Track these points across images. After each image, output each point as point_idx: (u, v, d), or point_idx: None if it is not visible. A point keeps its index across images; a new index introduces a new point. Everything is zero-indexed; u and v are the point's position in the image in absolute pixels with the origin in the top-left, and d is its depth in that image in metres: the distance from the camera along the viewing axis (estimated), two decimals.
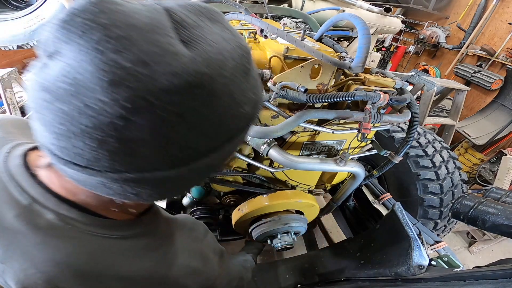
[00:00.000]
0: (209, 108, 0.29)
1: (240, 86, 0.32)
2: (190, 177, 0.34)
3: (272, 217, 1.14)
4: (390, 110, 1.04)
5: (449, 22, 5.27)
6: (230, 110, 0.31)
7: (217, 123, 0.31)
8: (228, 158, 0.39)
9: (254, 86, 0.35)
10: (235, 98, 0.31)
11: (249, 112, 0.35)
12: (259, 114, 0.43)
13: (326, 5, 2.60)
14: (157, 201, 0.39)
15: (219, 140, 0.33)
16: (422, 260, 0.90)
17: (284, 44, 0.88)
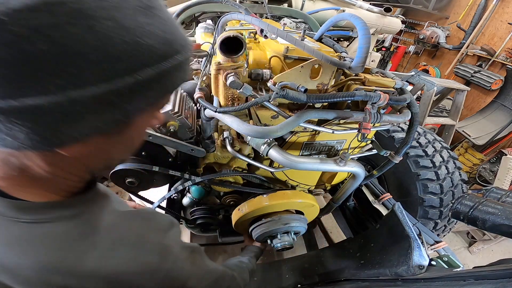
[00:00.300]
0: (78, 28, 0.27)
1: (133, 17, 0.31)
2: (74, 111, 0.30)
3: (272, 217, 1.14)
4: (390, 110, 1.04)
5: (449, 22, 5.27)
6: (117, 36, 0.30)
7: (98, 46, 0.29)
8: (135, 101, 0.35)
9: (162, 23, 0.35)
10: (123, 25, 0.30)
11: (155, 47, 0.34)
12: (185, 60, 0.41)
13: (326, 5, 2.60)
14: (42, 146, 0.32)
15: (109, 68, 0.31)
16: (422, 260, 0.90)
17: (284, 44, 0.88)
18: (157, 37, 0.34)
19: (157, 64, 0.35)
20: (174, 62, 0.38)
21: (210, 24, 1.78)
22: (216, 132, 1.08)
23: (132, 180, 0.96)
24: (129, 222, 0.47)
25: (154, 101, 0.39)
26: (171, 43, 0.37)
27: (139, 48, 0.32)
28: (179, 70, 0.41)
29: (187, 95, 1.09)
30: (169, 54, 0.37)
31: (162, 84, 0.38)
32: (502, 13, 4.36)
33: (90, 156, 0.41)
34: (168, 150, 0.97)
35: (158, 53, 0.35)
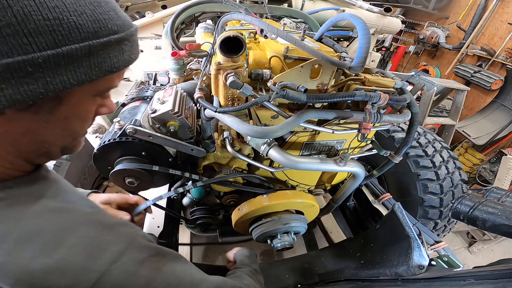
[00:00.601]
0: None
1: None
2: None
3: (272, 217, 1.15)
4: (390, 110, 1.04)
5: (449, 22, 5.27)
6: (36, 14, 0.32)
7: (15, 22, 0.31)
8: (60, 75, 0.36)
9: (93, 4, 0.38)
10: (45, 4, 0.33)
11: (83, 25, 0.36)
12: (123, 40, 0.42)
13: (326, 5, 2.60)
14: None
15: (27, 43, 0.32)
16: (422, 260, 0.90)
17: (284, 44, 0.88)
18: (86, 16, 0.37)
19: (85, 41, 0.37)
20: (108, 40, 0.39)
21: (210, 24, 1.78)
22: (216, 132, 1.08)
23: (132, 180, 0.96)
24: (57, 214, 0.42)
25: (86, 78, 0.39)
26: (104, 22, 0.39)
27: (64, 24, 0.35)
28: (116, 49, 0.42)
29: (187, 95, 1.09)
30: (101, 32, 0.39)
31: (94, 62, 0.39)
32: (502, 13, 4.37)
33: (17, 136, 0.40)
34: (168, 150, 0.97)
35: (87, 30, 0.37)
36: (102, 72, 0.41)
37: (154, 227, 1.35)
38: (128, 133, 0.83)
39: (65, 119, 0.43)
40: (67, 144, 0.49)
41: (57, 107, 0.40)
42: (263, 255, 2.15)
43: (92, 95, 0.46)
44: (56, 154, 0.48)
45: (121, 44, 0.42)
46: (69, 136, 0.48)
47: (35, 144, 0.43)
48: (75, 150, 0.52)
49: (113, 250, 0.42)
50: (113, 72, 0.43)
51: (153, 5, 3.09)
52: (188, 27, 2.23)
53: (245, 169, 1.15)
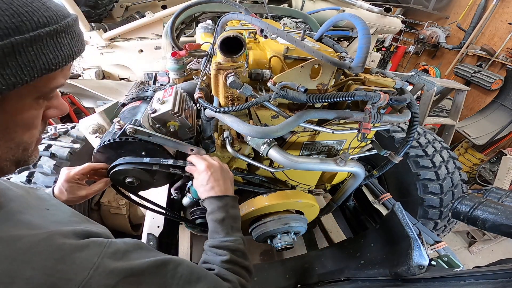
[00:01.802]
0: None
1: None
2: None
3: (272, 217, 1.14)
4: (390, 110, 1.04)
5: (449, 22, 5.27)
6: None
7: None
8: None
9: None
10: None
11: None
12: (55, 33, 0.37)
13: (326, 5, 2.60)
14: None
15: None
16: (422, 260, 0.90)
17: (284, 44, 0.88)
18: (1, 11, 0.32)
19: (6, 38, 0.33)
20: (36, 35, 0.35)
21: (210, 24, 1.78)
22: (216, 132, 1.08)
23: (131, 180, 0.96)
24: (4, 245, 0.37)
25: (18, 80, 0.34)
26: (26, 15, 0.34)
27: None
28: (49, 44, 0.37)
29: (187, 95, 1.09)
30: (25, 27, 0.34)
31: (24, 60, 0.35)
32: (502, 13, 4.37)
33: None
34: (168, 150, 0.97)
35: (4, 26, 0.32)
36: (37, 71, 0.36)
37: (154, 227, 1.35)
38: (128, 133, 0.83)
39: (5, 129, 0.39)
40: (18, 156, 0.43)
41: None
42: (263, 255, 2.16)
43: (33, 99, 0.41)
44: (9, 169, 0.43)
45: (57, 38, 0.38)
46: (17, 147, 0.42)
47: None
48: (31, 161, 0.47)
49: (78, 279, 0.37)
50: (52, 70, 0.38)
51: (153, 5, 3.10)
52: (188, 27, 2.24)
53: (245, 169, 1.15)
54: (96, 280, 0.38)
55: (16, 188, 0.52)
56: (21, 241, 0.38)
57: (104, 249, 0.43)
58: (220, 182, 0.79)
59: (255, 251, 2.16)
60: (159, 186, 1.13)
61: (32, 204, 0.50)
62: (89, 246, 0.42)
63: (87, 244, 0.42)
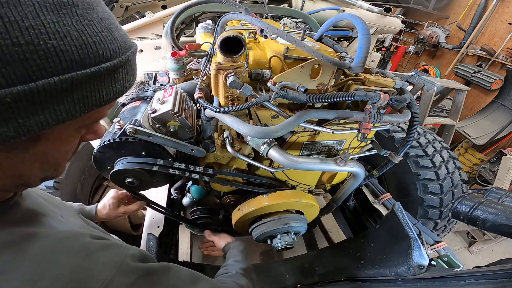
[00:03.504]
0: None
1: (36, 15, 0.27)
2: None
3: (272, 217, 1.14)
4: (390, 110, 1.04)
5: (449, 22, 5.27)
6: (4, 37, 0.26)
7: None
8: (36, 116, 0.30)
9: (82, 23, 0.31)
10: (17, 25, 0.26)
11: (66, 52, 0.29)
12: (117, 68, 0.35)
13: (326, 5, 2.60)
14: None
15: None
16: (422, 260, 0.90)
17: (284, 44, 0.88)
18: (70, 39, 0.30)
19: (68, 72, 0.30)
20: (97, 70, 0.32)
21: (210, 24, 1.78)
22: (216, 132, 1.08)
23: (131, 180, 0.96)
24: (34, 243, 0.37)
25: (67, 116, 0.32)
26: (94, 46, 0.32)
27: (39, 51, 0.27)
28: (109, 79, 0.35)
29: (187, 95, 1.09)
30: (89, 60, 0.32)
31: (79, 97, 0.32)
32: (502, 13, 4.37)
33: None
34: (168, 150, 0.97)
35: (70, 58, 0.30)
36: (87, 108, 0.34)
37: (154, 227, 1.35)
38: (128, 133, 0.83)
39: (44, 154, 0.38)
40: (48, 174, 0.44)
41: (34, 144, 0.35)
42: (263, 255, 2.16)
43: (75, 129, 0.40)
44: (35, 183, 0.43)
45: (114, 73, 0.35)
46: (50, 168, 0.42)
47: (11, 178, 0.38)
48: (57, 177, 0.47)
49: (102, 277, 0.38)
50: (102, 106, 0.36)
51: (153, 5, 3.09)
52: (188, 27, 2.23)
53: (245, 169, 1.15)
54: (118, 278, 0.40)
55: (34, 193, 0.53)
56: (48, 239, 0.39)
57: (124, 251, 0.45)
58: None
59: (255, 251, 2.16)
60: (159, 186, 1.13)
61: (50, 209, 0.52)
62: (111, 246, 0.44)
63: (109, 244, 0.44)
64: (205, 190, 1.34)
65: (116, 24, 0.37)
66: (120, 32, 0.38)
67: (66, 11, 0.30)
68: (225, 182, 1.11)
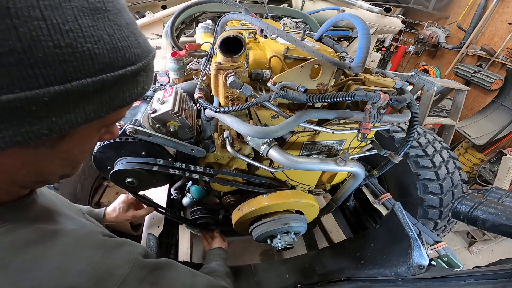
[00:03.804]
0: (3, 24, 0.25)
1: (74, 19, 0.29)
2: None
3: (272, 217, 1.14)
4: (390, 110, 1.04)
5: (449, 22, 5.27)
6: (47, 39, 0.27)
7: (20, 49, 0.26)
8: (67, 115, 0.31)
9: (113, 28, 0.33)
10: (58, 27, 0.27)
11: (98, 55, 0.31)
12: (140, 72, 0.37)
13: (326, 5, 2.60)
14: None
15: (32, 75, 0.27)
16: (422, 260, 0.90)
17: (284, 44, 0.88)
18: (102, 43, 0.31)
19: (100, 74, 0.32)
20: (124, 73, 0.34)
21: (210, 24, 1.78)
22: (216, 132, 1.08)
23: (131, 180, 0.96)
24: (55, 240, 0.39)
25: (94, 116, 0.34)
26: (122, 50, 0.33)
27: (76, 54, 0.29)
28: (131, 82, 0.36)
29: (187, 95, 1.09)
30: (118, 63, 0.33)
31: (106, 98, 0.34)
32: (502, 13, 4.37)
33: (14, 168, 0.37)
34: (168, 150, 0.97)
35: (101, 61, 0.31)
36: (112, 108, 0.36)
37: (154, 227, 1.35)
38: (128, 133, 0.83)
39: (67, 152, 0.40)
40: (67, 172, 0.46)
41: (60, 142, 0.37)
42: (263, 255, 2.16)
43: (97, 128, 0.42)
44: (54, 180, 0.45)
45: (137, 76, 0.37)
46: (69, 166, 0.45)
47: (33, 175, 0.40)
48: (73, 174, 0.49)
49: (119, 273, 0.41)
50: (123, 107, 0.38)
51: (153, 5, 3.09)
52: (188, 27, 2.24)
53: (245, 169, 1.15)
54: (133, 274, 0.43)
55: (46, 191, 0.56)
56: (68, 237, 0.41)
57: (135, 249, 0.48)
58: None
59: (255, 251, 2.16)
60: (159, 186, 1.13)
61: (62, 207, 0.55)
62: (124, 244, 0.47)
63: (122, 242, 0.47)
64: (205, 190, 1.34)
65: (139, 29, 0.39)
66: (143, 37, 0.39)
67: (100, 16, 0.32)
68: (225, 182, 1.11)
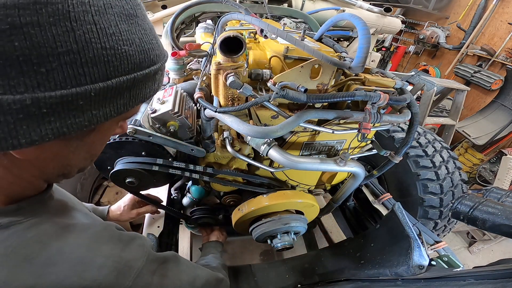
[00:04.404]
0: (58, 28, 0.27)
1: (116, 24, 0.32)
2: (39, 113, 0.29)
3: (272, 217, 1.14)
4: (390, 110, 1.04)
5: (449, 22, 5.27)
6: (96, 41, 0.31)
7: (75, 49, 0.29)
8: (104, 108, 0.35)
9: (142, 32, 0.37)
10: (105, 31, 0.31)
11: (132, 56, 0.35)
12: (159, 71, 0.42)
13: (326, 5, 2.60)
14: None
15: (82, 73, 0.30)
16: (422, 260, 0.90)
17: (284, 44, 0.88)
18: (135, 45, 0.35)
19: (132, 72, 0.36)
20: (148, 72, 0.39)
21: (210, 24, 1.78)
22: (216, 132, 1.08)
23: (132, 180, 0.96)
24: (76, 234, 0.41)
25: (123, 109, 0.38)
26: (148, 52, 0.38)
27: (117, 55, 0.33)
28: (152, 80, 0.41)
29: (187, 95, 1.09)
30: (145, 63, 0.37)
31: (134, 93, 0.38)
32: (502, 13, 4.37)
33: (45, 161, 0.39)
34: (168, 150, 0.97)
35: (134, 61, 0.35)
36: (136, 102, 0.40)
37: (154, 227, 1.35)
38: (128, 133, 0.83)
39: (92, 144, 0.43)
40: (85, 165, 0.48)
41: (89, 135, 0.40)
42: (263, 255, 2.16)
43: (117, 122, 0.46)
44: (73, 173, 0.48)
45: (156, 75, 0.42)
46: (90, 158, 0.48)
47: (60, 167, 0.43)
48: (85, 170, 0.52)
49: (137, 266, 0.44)
50: (143, 102, 0.43)
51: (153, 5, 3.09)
52: (188, 27, 2.23)
53: (245, 169, 1.15)
54: (147, 266, 0.46)
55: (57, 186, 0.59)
56: (88, 231, 0.44)
57: (145, 242, 0.50)
58: None
59: (255, 251, 2.16)
60: (159, 186, 1.13)
61: (74, 201, 0.58)
62: (136, 238, 0.49)
63: (134, 235, 0.50)
64: (205, 190, 1.34)
65: (156, 33, 0.44)
66: (160, 41, 0.44)
67: (132, 22, 0.35)
68: (225, 182, 1.11)
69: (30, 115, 0.29)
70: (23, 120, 0.29)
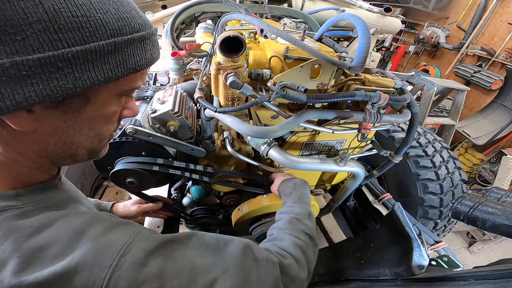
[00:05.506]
0: (26, 2, 0.31)
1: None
2: (19, 75, 0.32)
3: (272, 217, 1.14)
4: (390, 110, 1.04)
5: (449, 22, 5.27)
6: (65, 11, 0.34)
7: (46, 19, 0.32)
8: (88, 71, 0.37)
9: (117, 3, 0.40)
10: (73, 2, 0.34)
11: (108, 22, 0.37)
12: (145, 39, 0.44)
13: (326, 5, 2.60)
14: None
15: (56, 38, 0.33)
16: (422, 260, 0.90)
17: (284, 44, 0.88)
18: (110, 13, 0.38)
19: (111, 37, 0.38)
20: (131, 37, 0.41)
21: (210, 24, 1.78)
22: (216, 132, 1.08)
23: (132, 180, 0.96)
24: (66, 219, 0.42)
25: (112, 75, 0.40)
26: (128, 20, 0.41)
27: (91, 21, 0.36)
28: (138, 47, 0.43)
29: (187, 95, 1.09)
30: (125, 30, 0.40)
31: (119, 58, 0.40)
32: (502, 13, 4.37)
33: (45, 136, 0.41)
34: (168, 150, 0.97)
35: (112, 27, 0.38)
36: (126, 69, 0.42)
37: (154, 227, 1.35)
38: (128, 133, 0.83)
39: (92, 119, 0.45)
40: (93, 146, 0.49)
41: (84, 106, 0.42)
42: None
43: (117, 95, 0.47)
44: (82, 157, 0.49)
45: (143, 43, 0.44)
46: (96, 137, 0.48)
47: (63, 145, 0.44)
48: (101, 154, 0.54)
49: (119, 243, 0.40)
50: (137, 71, 0.44)
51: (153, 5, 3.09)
52: (188, 27, 2.23)
53: (245, 169, 1.15)
54: (136, 244, 0.42)
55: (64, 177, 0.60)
56: (80, 216, 0.44)
57: (143, 228, 0.48)
58: None
59: None
60: (159, 186, 1.13)
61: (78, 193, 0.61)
62: (131, 223, 0.48)
63: (129, 222, 0.49)
64: (205, 190, 1.34)
65: (137, 7, 0.46)
66: (143, 15, 0.46)
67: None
68: (225, 182, 1.10)
69: (12, 78, 0.32)
70: (6, 83, 0.32)
